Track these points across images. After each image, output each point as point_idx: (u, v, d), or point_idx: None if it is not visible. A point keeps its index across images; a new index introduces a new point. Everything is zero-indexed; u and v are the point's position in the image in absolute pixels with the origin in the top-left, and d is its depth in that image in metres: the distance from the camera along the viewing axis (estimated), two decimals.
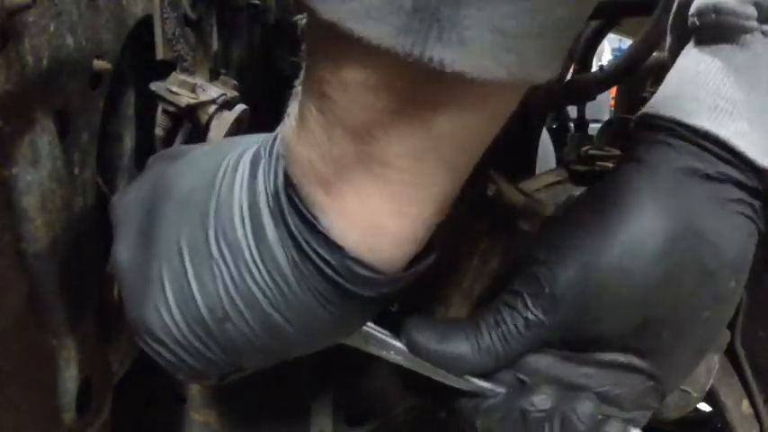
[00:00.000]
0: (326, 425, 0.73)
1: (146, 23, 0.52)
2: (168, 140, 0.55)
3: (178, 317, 0.34)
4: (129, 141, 0.56)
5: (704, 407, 0.74)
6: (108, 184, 0.54)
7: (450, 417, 0.47)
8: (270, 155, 0.33)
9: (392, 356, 0.42)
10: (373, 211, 0.30)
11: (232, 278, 0.33)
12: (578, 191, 0.68)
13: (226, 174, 0.35)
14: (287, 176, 0.32)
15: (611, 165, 0.70)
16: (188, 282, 0.34)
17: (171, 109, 0.53)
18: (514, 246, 0.63)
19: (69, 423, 0.45)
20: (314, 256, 0.31)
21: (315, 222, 0.31)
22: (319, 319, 0.33)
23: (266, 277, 0.32)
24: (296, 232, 0.31)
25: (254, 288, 0.33)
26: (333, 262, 0.31)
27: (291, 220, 0.31)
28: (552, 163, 1.24)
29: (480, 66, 0.25)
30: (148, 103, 0.55)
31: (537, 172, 0.76)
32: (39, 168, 0.39)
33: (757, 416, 0.72)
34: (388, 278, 0.32)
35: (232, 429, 0.73)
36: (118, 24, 0.48)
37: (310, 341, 0.36)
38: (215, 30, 0.60)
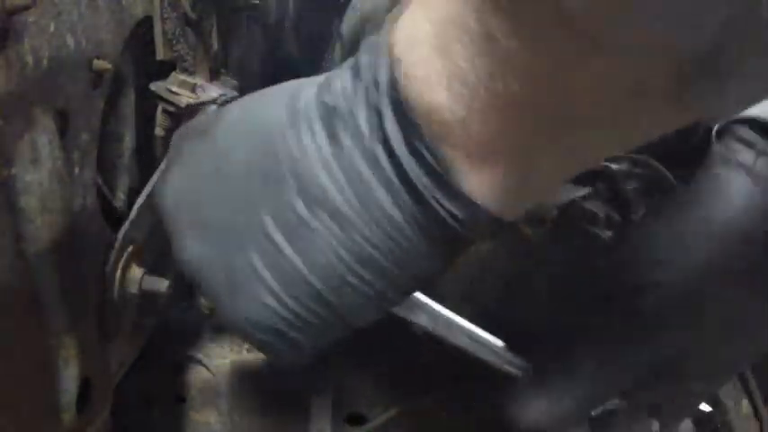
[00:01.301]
0: (326, 425, 0.73)
1: (146, 23, 0.52)
2: (168, 140, 0.55)
3: (287, 299, 0.32)
4: (129, 141, 0.56)
5: (704, 407, 0.74)
6: (108, 184, 0.54)
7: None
8: (366, 106, 0.30)
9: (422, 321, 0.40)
10: (530, 183, 0.29)
11: (343, 245, 0.31)
12: (579, 191, 0.68)
13: (285, 132, 0.32)
14: (412, 130, 0.29)
15: (610, 164, 0.69)
16: (290, 261, 0.32)
17: (171, 109, 0.53)
18: (518, 249, 0.62)
19: (69, 423, 0.45)
20: (441, 212, 0.30)
21: (455, 187, 0.29)
22: (430, 263, 0.32)
23: (381, 237, 0.31)
24: (424, 191, 0.29)
25: (371, 249, 0.31)
26: (462, 217, 0.30)
27: (420, 181, 0.29)
28: None
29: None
30: (148, 103, 0.55)
31: None
32: (39, 168, 0.39)
33: (757, 416, 0.72)
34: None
35: (232, 429, 0.73)
36: (118, 24, 0.48)
37: (418, 284, 0.34)
38: (215, 30, 0.60)
